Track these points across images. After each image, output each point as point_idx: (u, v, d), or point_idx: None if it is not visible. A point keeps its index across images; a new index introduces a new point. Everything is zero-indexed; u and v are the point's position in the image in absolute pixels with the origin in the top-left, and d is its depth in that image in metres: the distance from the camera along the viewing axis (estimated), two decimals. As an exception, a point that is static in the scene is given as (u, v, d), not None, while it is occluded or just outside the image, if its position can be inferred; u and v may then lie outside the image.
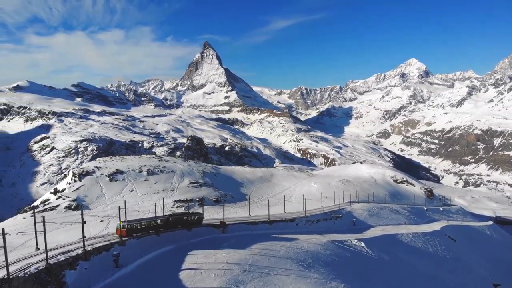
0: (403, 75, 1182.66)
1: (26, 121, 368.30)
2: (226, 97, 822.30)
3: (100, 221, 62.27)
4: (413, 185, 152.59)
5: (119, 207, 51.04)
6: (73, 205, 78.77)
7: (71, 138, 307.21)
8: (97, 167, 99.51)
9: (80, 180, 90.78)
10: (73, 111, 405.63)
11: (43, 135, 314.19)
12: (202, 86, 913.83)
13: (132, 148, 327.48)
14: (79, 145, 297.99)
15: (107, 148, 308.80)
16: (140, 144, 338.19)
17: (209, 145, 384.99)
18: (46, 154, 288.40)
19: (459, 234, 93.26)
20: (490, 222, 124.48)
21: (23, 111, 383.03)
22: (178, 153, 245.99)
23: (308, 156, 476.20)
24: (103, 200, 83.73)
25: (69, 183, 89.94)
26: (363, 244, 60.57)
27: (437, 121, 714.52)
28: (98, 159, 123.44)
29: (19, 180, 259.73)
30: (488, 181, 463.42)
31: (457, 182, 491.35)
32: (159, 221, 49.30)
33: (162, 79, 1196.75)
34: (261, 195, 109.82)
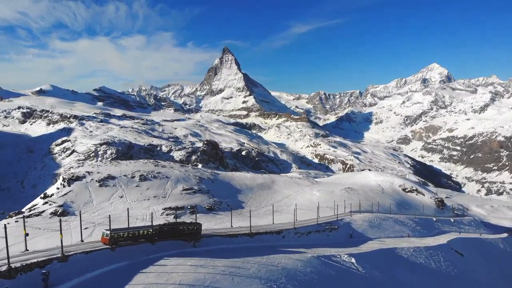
0: (424, 80, 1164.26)
1: (48, 124, 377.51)
2: (244, 102, 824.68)
3: (85, 228, 60.07)
4: (423, 194, 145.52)
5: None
6: (59, 211, 76.74)
7: (91, 142, 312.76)
8: (88, 172, 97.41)
9: (69, 185, 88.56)
10: (94, 115, 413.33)
11: (64, 138, 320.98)
12: (221, 91, 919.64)
13: (151, 152, 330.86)
14: (98, 148, 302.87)
15: (126, 151, 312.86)
16: (158, 148, 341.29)
17: (226, 150, 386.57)
18: (67, 156, 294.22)
19: (468, 248, 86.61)
20: (505, 234, 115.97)
21: (45, 115, 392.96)
22: (193, 157, 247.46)
23: (326, 161, 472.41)
24: (91, 206, 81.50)
25: (58, 188, 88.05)
26: (353, 260, 55.49)
27: (459, 127, 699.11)
28: (92, 163, 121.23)
29: (40, 182, 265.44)
30: (511, 189, 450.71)
31: (479, 190, 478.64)
32: (151, 230, 47.05)
33: (182, 84, 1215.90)
34: (259, 202, 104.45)
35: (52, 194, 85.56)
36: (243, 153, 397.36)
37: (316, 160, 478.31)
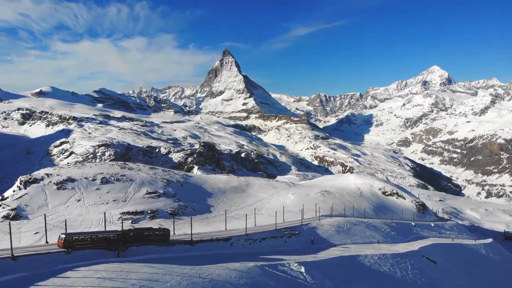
0: (425, 83, 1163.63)
1: (47, 125, 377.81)
2: (244, 104, 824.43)
3: (35, 233, 58.14)
4: (404, 197, 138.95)
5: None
6: (12, 215, 73.80)
7: (89, 143, 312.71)
8: (47, 174, 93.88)
9: (25, 188, 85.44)
10: (93, 117, 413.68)
11: (62, 140, 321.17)
12: (221, 92, 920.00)
13: (150, 154, 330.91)
14: (97, 150, 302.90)
15: (125, 153, 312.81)
16: (157, 150, 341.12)
17: (225, 152, 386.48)
18: (65, 158, 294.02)
19: (444, 255, 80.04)
20: (489, 240, 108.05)
21: (44, 116, 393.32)
22: (190, 159, 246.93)
23: (326, 163, 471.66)
24: (45, 210, 77.63)
25: (14, 191, 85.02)
26: (302, 269, 49.98)
27: (460, 129, 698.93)
28: (53, 166, 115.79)
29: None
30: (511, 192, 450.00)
31: (479, 193, 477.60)
32: (112, 235, 45.19)
33: (183, 85, 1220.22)
34: (230, 206, 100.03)
35: (7, 197, 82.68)
36: (242, 155, 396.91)
37: (315, 162, 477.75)
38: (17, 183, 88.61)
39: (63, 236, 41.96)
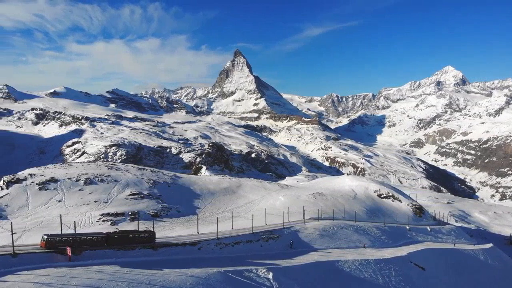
0: (438, 83, 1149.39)
1: (61, 125, 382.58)
2: (255, 104, 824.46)
3: (13, 233, 58.99)
4: (400, 200, 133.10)
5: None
6: None
7: (101, 143, 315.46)
8: (30, 174, 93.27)
9: (7, 188, 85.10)
10: (105, 117, 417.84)
11: (75, 140, 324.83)
12: (232, 93, 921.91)
13: (161, 154, 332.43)
14: (108, 150, 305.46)
15: (136, 153, 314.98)
16: (168, 150, 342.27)
17: (235, 152, 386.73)
18: (77, 158, 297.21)
19: (436, 261, 75.29)
20: (490, 245, 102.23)
21: (58, 116, 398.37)
22: (198, 160, 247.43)
23: (337, 164, 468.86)
24: (25, 211, 77.71)
25: None
26: (270, 275, 46.49)
27: (474, 130, 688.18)
28: (39, 166, 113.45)
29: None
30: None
31: (493, 195, 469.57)
32: (95, 237, 45.02)
33: (195, 86, 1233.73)
34: (217, 208, 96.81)
35: None
36: (253, 155, 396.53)
37: (326, 163, 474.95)
38: (0, 183, 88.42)
39: (45, 237, 42.05)
